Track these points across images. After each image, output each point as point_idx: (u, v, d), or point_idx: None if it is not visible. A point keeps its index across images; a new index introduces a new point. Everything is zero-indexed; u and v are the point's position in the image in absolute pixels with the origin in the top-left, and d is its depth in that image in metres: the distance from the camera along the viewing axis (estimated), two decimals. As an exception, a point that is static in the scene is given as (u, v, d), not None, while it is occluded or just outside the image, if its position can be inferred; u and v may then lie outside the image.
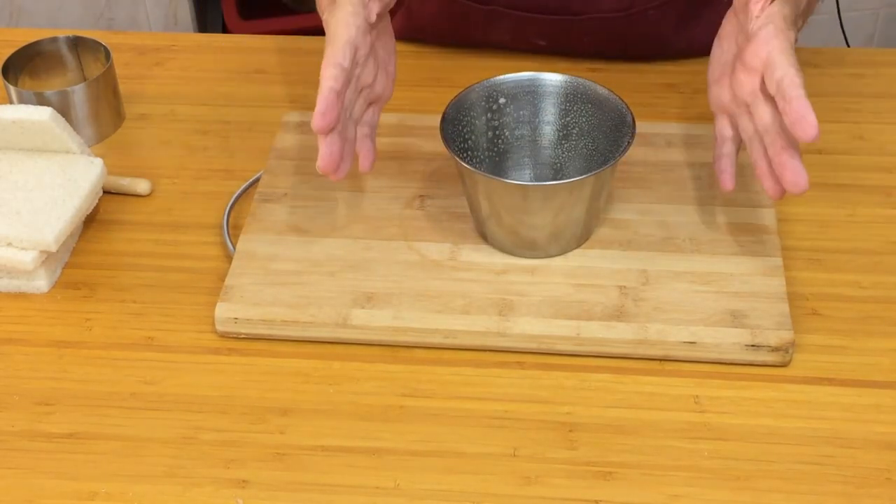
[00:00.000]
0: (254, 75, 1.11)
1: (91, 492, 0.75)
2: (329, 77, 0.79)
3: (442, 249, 0.88)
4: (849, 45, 2.03)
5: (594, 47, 1.10)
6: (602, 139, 0.88)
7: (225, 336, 0.85)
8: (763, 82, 0.78)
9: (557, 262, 0.86)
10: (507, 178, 0.90)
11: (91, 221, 0.95)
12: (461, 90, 0.90)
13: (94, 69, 1.06)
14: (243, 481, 0.75)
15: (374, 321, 0.83)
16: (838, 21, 2.02)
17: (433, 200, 0.92)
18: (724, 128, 0.85)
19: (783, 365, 0.81)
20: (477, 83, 0.90)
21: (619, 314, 0.82)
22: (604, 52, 1.11)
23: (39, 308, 0.88)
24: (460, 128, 0.88)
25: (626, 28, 1.08)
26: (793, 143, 0.77)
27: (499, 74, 1.09)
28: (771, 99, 0.77)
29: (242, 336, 0.84)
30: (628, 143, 0.84)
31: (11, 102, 1.01)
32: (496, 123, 0.91)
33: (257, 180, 0.96)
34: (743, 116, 0.82)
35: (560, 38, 1.10)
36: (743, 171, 0.94)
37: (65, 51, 1.06)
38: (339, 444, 0.77)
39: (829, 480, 0.74)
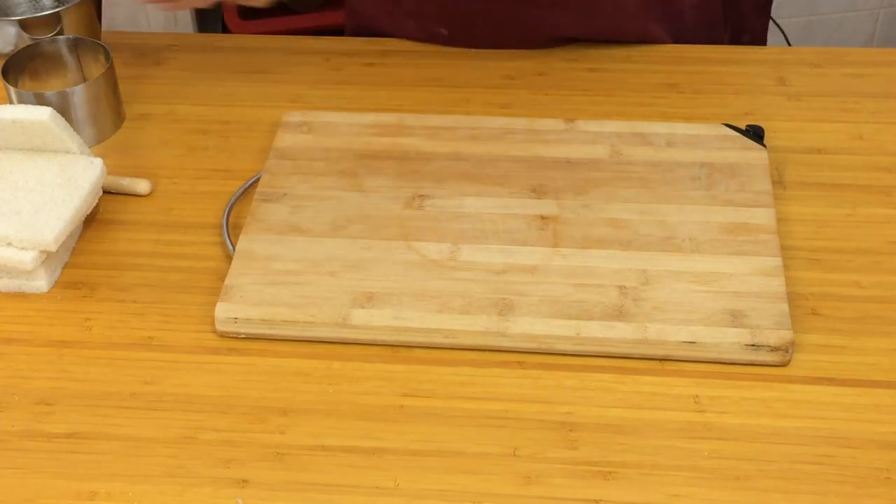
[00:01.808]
0: (254, 75, 1.11)
1: (91, 492, 0.75)
2: None
3: (442, 249, 0.88)
4: (790, 44, 2.03)
5: (491, 36, 1.10)
6: None
7: (225, 336, 0.85)
8: None
9: (557, 261, 0.86)
10: None
11: (91, 221, 0.95)
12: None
13: (94, 69, 1.06)
14: (243, 481, 0.75)
15: (374, 321, 0.83)
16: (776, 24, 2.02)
17: (433, 200, 0.92)
18: None
19: (783, 365, 0.81)
20: None
21: (618, 314, 0.82)
22: (501, 42, 1.11)
23: (39, 308, 0.88)
24: None
25: (509, 9, 1.09)
26: None
27: (499, 75, 1.09)
28: None
29: (242, 336, 0.84)
30: None
31: (11, 103, 1.01)
32: None
33: (257, 180, 0.96)
34: None
35: (460, 26, 1.09)
36: (741, 171, 0.94)
37: (65, 51, 1.06)
38: (339, 444, 0.77)
39: (829, 480, 0.74)
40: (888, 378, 0.80)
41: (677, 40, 1.11)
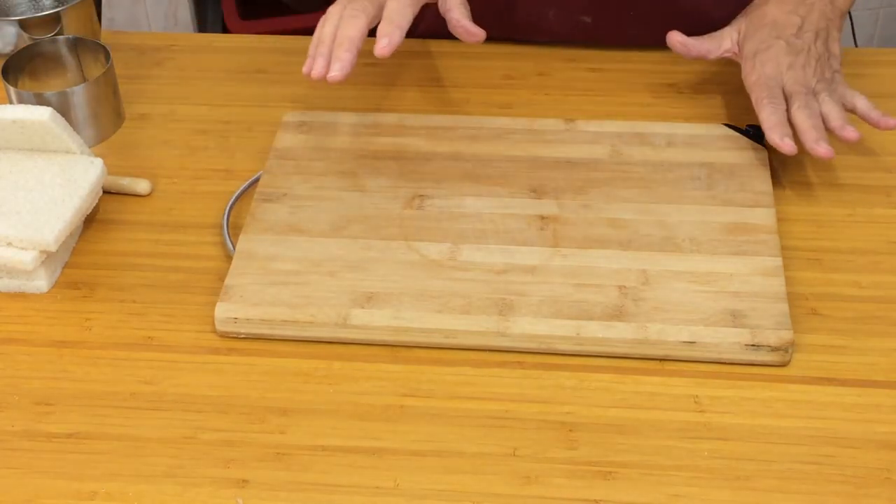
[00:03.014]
0: (254, 75, 1.11)
1: (91, 492, 0.75)
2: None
3: (442, 249, 0.88)
4: (857, 45, 2.03)
5: (635, 28, 1.09)
6: None
7: (225, 336, 0.85)
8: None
9: (557, 261, 0.86)
10: None
11: (91, 221, 0.95)
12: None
13: (94, 70, 1.06)
14: (243, 481, 0.75)
15: (374, 321, 0.83)
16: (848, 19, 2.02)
17: (433, 200, 0.92)
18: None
19: (783, 365, 0.81)
20: None
21: (618, 314, 0.82)
22: (644, 33, 1.09)
23: (39, 308, 0.88)
24: None
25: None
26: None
27: (499, 75, 1.09)
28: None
29: (242, 336, 0.84)
30: None
31: (11, 103, 1.01)
32: None
33: (257, 180, 0.96)
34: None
35: (606, 14, 1.08)
36: (741, 171, 0.94)
37: (65, 51, 1.06)
38: (339, 444, 0.77)
39: (829, 480, 0.74)
40: (888, 378, 0.80)
41: None
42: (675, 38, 1.00)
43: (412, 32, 1.18)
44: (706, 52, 1.01)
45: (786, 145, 0.92)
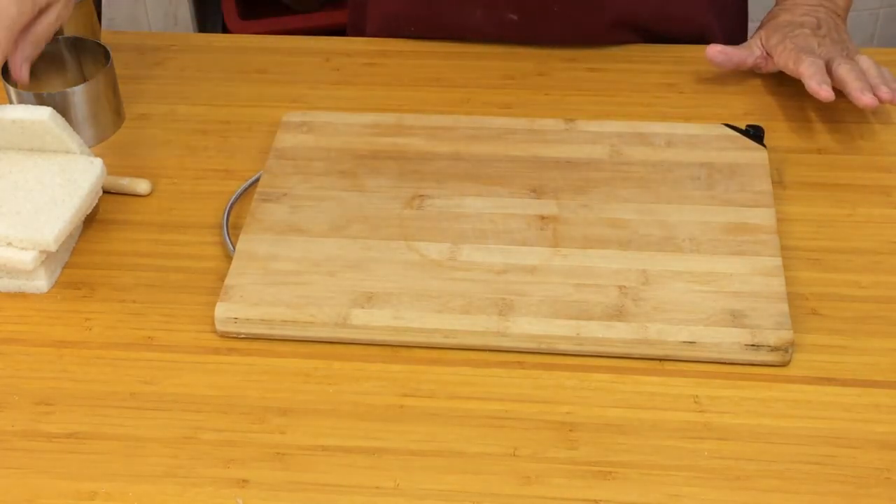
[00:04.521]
0: (254, 75, 1.11)
1: (91, 492, 0.75)
2: None
3: (442, 249, 0.88)
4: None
5: (560, 22, 1.10)
6: None
7: (225, 336, 0.85)
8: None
9: (557, 261, 0.86)
10: None
11: (91, 221, 0.95)
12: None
13: (94, 70, 1.06)
14: (243, 481, 0.75)
15: (374, 321, 0.83)
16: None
17: (433, 200, 0.92)
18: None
19: (783, 365, 0.81)
20: None
21: (618, 314, 0.82)
22: (567, 28, 1.10)
23: (39, 308, 0.88)
24: None
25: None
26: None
27: (499, 75, 1.09)
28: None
29: (242, 336, 0.84)
30: None
31: (11, 103, 1.01)
32: None
33: (257, 180, 0.96)
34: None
35: (532, 12, 1.09)
36: (741, 171, 0.94)
37: (65, 51, 1.06)
38: (339, 444, 0.77)
39: (829, 480, 0.74)
40: (888, 378, 0.80)
41: (728, 40, 1.11)
42: (715, 49, 1.04)
43: (361, 32, 1.19)
44: (743, 59, 1.04)
45: (823, 91, 0.95)
